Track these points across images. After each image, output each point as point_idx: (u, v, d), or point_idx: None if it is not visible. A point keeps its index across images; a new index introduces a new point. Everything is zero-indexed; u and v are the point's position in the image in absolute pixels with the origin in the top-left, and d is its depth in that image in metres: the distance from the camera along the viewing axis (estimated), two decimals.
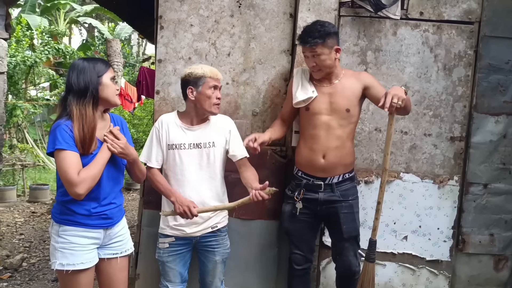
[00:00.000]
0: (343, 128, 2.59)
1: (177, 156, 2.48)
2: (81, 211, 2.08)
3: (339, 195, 2.62)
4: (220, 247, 2.57)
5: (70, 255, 2.07)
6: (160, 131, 2.51)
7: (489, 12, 2.97)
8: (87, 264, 2.10)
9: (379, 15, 2.91)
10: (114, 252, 2.23)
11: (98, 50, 13.85)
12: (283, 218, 2.74)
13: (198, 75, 2.44)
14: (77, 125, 2.01)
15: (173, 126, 2.52)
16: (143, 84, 6.44)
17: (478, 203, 3.06)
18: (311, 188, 2.63)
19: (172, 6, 2.96)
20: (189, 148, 2.48)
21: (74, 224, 2.09)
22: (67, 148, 1.98)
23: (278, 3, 2.98)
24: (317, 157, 2.58)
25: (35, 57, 9.40)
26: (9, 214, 6.36)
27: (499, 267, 3.15)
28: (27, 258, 4.51)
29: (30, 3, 13.53)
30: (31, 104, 9.61)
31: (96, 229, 2.14)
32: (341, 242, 2.67)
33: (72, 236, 2.08)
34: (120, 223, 2.27)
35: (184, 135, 2.50)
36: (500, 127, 3.04)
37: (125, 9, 5.26)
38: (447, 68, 3.00)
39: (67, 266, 2.06)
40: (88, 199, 2.08)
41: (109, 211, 2.16)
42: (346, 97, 2.59)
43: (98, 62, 2.14)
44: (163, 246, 2.55)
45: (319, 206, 2.63)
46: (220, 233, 2.58)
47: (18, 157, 8.43)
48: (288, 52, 3.01)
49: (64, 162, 1.98)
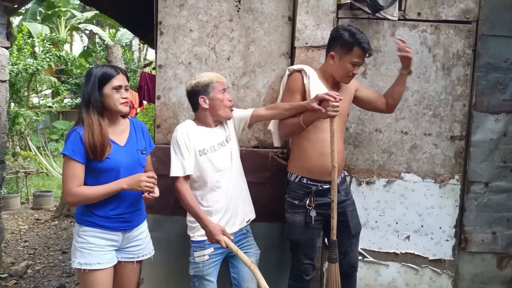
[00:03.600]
0: (343, 131, 2.64)
1: (206, 160, 2.41)
2: (100, 213, 2.17)
3: (344, 194, 2.65)
4: (252, 247, 2.55)
5: (88, 255, 2.16)
6: (186, 140, 2.39)
7: (486, 11, 2.98)
8: (104, 264, 2.17)
9: (377, 16, 2.92)
10: (131, 256, 2.30)
11: (100, 57, 13.92)
12: (294, 229, 2.61)
13: (206, 82, 2.43)
14: (87, 133, 2.10)
15: (194, 133, 2.44)
16: (144, 90, 6.48)
17: (479, 201, 3.07)
18: (321, 193, 2.57)
19: (171, 12, 2.99)
20: (219, 148, 2.46)
21: (93, 225, 2.17)
22: (71, 156, 2.10)
23: (276, 6, 3.01)
24: (328, 161, 2.46)
25: (37, 64, 9.46)
26: (13, 222, 6.39)
27: (503, 265, 3.15)
28: (32, 265, 4.54)
29: (31, 11, 13.63)
30: (33, 112, 9.65)
31: (114, 231, 2.20)
32: (348, 240, 2.67)
33: (91, 236, 2.17)
34: (140, 227, 2.32)
35: (209, 138, 2.46)
36: (500, 125, 3.05)
37: (125, 16, 5.30)
38: (446, 68, 3.02)
39: (85, 266, 2.15)
40: (108, 202, 2.16)
41: (128, 215, 2.23)
42: (348, 101, 2.64)
43: (104, 72, 2.17)
44: (202, 259, 2.40)
45: (330, 209, 2.57)
46: (249, 234, 2.57)
47: (21, 164, 8.46)
48: (288, 55, 3.03)
49: (66, 170, 2.12)
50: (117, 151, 2.19)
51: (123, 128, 2.28)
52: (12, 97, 9.20)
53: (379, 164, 3.04)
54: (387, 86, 2.92)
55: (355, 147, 3.04)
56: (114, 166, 2.15)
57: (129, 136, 2.28)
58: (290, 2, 3.00)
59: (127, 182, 2.11)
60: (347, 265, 2.68)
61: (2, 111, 4.05)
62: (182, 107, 3.03)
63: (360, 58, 2.50)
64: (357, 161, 3.05)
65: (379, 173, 3.03)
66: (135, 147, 2.27)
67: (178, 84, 3.02)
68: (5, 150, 4.18)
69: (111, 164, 2.15)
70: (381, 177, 3.03)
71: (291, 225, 2.63)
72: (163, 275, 2.97)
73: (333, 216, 2.46)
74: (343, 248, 2.66)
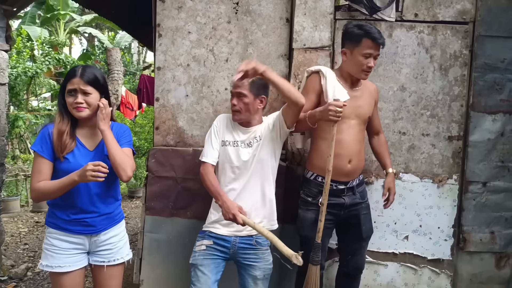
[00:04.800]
0: (362, 132, 2.61)
1: (226, 152, 2.48)
2: (62, 215, 2.17)
3: (359, 197, 2.63)
4: (261, 261, 2.46)
5: (51, 257, 2.17)
6: (218, 127, 2.53)
7: (483, 12, 3.00)
8: (65, 267, 2.16)
9: (374, 17, 2.94)
10: (102, 260, 2.27)
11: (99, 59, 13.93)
12: (304, 225, 2.60)
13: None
14: (54, 131, 2.16)
15: (227, 124, 2.55)
16: (143, 92, 6.50)
17: (478, 201, 3.08)
18: (334, 193, 2.53)
19: (169, 14, 3.00)
20: (241, 146, 2.48)
21: (56, 227, 2.18)
22: (38, 152, 2.14)
23: (274, 8, 3.02)
24: (343, 162, 2.51)
25: (36, 67, 9.47)
26: (13, 225, 6.40)
27: (501, 264, 3.16)
28: (32, 267, 4.54)
29: (30, 15, 13.62)
30: (32, 115, 9.68)
31: (77, 234, 2.19)
32: (357, 243, 2.66)
33: (55, 239, 2.18)
34: (109, 232, 2.27)
35: (238, 133, 2.51)
36: (497, 125, 3.06)
37: (124, 19, 5.32)
38: (443, 68, 3.03)
39: (46, 267, 2.16)
40: (66, 205, 2.16)
41: (90, 219, 2.19)
42: (368, 102, 2.62)
43: (67, 74, 2.17)
44: (199, 248, 2.46)
45: (343, 210, 2.59)
46: (261, 247, 2.48)
47: (21, 167, 8.47)
48: (286, 56, 3.04)
49: (34, 165, 2.18)
50: (83, 154, 2.16)
51: (98, 132, 2.20)
52: (11, 100, 9.22)
53: (377, 165, 3.05)
54: (385, 87, 2.96)
55: None
56: (74, 168, 2.08)
57: (101, 141, 2.21)
58: (288, 4, 3.02)
59: (77, 173, 2.03)
60: (353, 267, 2.68)
61: (2, 114, 4.06)
62: (181, 109, 3.04)
63: (370, 48, 2.46)
64: None
65: (377, 174, 3.04)
66: (105, 153, 2.18)
67: (176, 86, 3.04)
68: (5, 153, 4.18)
69: (71, 166, 2.10)
70: (379, 177, 3.04)
71: (302, 221, 2.62)
72: (162, 276, 2.97)
73: (321, 219, 2.42)
74: (351, 250, 2.67)
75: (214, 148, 2.49)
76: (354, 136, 2.55)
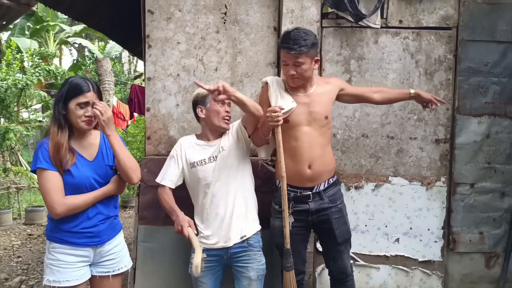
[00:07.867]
0: (323, 136, 2.57)
1: (200, 172, 2.52)
2: (67, 228, 2.15)
3: (328, 201, 2.59)
4: (253, 262, 2.51)
5: (57, 272, 2.14)
6: (179, 153, 2.59)
7: (466, 17, 3.07)
8: (73, 281, 2.15)
9: (360, 24, 3.01)
10: (106, 270, 2.27)
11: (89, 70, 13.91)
12: (274, 233, 2.62)
13: (205, 93, 2.51)
14: (50, 144, 2.11)
15: (191, 146, 2.59)
16: (135, 102, 6.49)
17: (466, 202, 3.13)
18: (300, 199, 2.56)
19: (158, 25, 3.04)
20: (209, 162, 2.52)
21: (61, 241, 2.16)
22: (47, 168, 2.08)
23: (262, 17, 3.07)
24: (303, 168, 2.51)
25: (26, 79, 9.42)
26: (6, 238, 6.35)
27: (491, 264, 3.21)
28: (26, 280, 4.52)
29: (19, 26, 13.61)
30: (23, 127, 9.63)
31: (83, 247, 2.18)
32: (335, 247, 2.65)
33: (60, 253, 2.16)
34: (113, 241, 2.29)
35: (202, 152, 2.55)
36: (483, 127, 3.13)
37: (113, 30, 5.35)
38: (429, 73, 3.09)
39: (53, 283, 2.13)
40: (74, 217, 2.14)
41: (95, 230, 2.19)
42: (324, 104, 2.57)
43: (75, 84, 2.14)
44: None
45: (310, 216, 2.59)
46: (253, 248, 2.53)
47: (12, 180, 8.41)
48: (274, 64, 3.09)
49: (46, 183, 2.09)
50: (84, 165, 2.17)
51: (93, 142, 2.23)
52: (2, 113, 9.18)
53: (367, 169, 3.10)
54: None
55: (343, 152, 3.10)
56: (80, 180, 2.13)
57: (98, 150, 2.24)
58: (275, 13, 3.07)
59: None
60: (336, 271, 2.68)
61: None
62: (172, 118, 3.08)
63: (285, 57, 2.44)
64: (345, 166, 3.11)
65: (367, 178, 3.09)
66: (105, 162, 2.23)
67: (167, 96, 3.07)
68: None
69: (76, 179, 2.12)
70: (369, 181, 3.09)
71: (272, 229, 2.65)
72: (157, 285, 2.98)
73: (285, 225, 2.44)
74: (331, 255, 2.67)
75: (174, 174, 2.57)
76: (312, 141, 2.53)
